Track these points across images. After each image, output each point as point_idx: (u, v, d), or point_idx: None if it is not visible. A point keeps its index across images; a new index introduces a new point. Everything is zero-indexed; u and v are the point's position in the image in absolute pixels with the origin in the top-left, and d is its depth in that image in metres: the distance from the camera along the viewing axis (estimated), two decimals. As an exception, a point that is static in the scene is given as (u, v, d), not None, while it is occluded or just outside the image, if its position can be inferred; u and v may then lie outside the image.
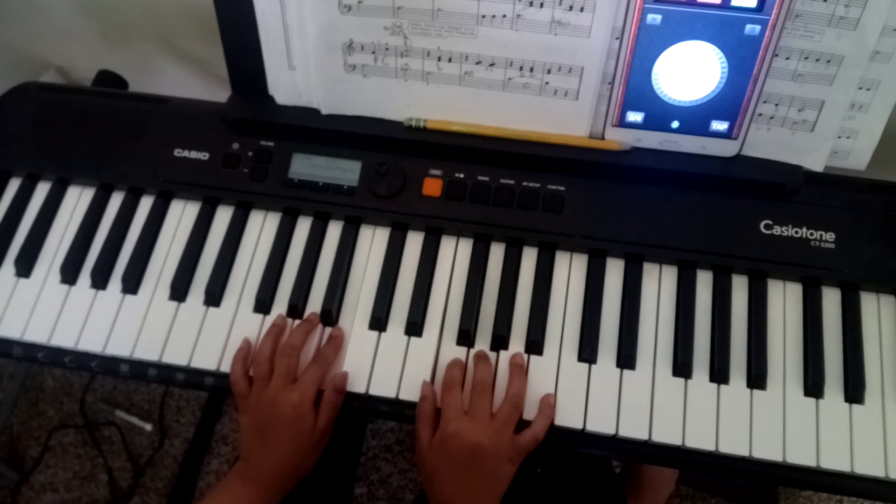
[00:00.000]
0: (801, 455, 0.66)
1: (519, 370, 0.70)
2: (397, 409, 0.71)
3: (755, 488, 1.44)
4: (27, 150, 0.82)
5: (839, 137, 0.72)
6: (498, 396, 0.69)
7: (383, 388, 0.71)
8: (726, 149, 0.72)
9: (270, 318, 0.75)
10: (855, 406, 0.68)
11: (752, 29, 0.65)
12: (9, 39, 1.17)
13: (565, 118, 0.73)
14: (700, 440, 0.67)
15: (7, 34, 1.16)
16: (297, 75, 0.76)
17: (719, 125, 0.71)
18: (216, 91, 1.16)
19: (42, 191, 0.82)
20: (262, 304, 0.75)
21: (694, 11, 0.65)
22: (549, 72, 0.71)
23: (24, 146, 0.82)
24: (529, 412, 0.69)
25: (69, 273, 0.77)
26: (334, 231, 0.78)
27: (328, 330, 0.74)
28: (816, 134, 0.71)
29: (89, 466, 1.56)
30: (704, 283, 0.73)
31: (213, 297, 0.75)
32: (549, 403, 0.68)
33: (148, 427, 1.56)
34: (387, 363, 0.72)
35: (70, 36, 1.13)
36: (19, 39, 1.17)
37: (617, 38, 0.68)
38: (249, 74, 0.77)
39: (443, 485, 0.67)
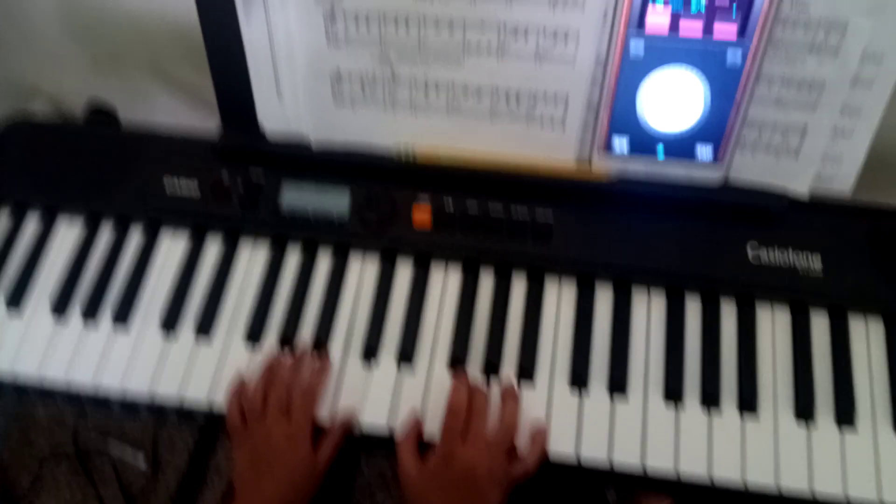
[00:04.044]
0: (793, 479, 0.66)
1: (511, 395, 0.70)
2: (390, 439, 0.71)
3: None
4: (18, 183, 0.82)
5: (823, 162, 0.72)
6: (490, 421, 0.69)
7: (375, 417, 0.71)
8: (711, 175, 0.73)
9: (261, 349, 0.74)
10: (846, 429, 0.68)
11: (733, 56, 0.66)
12: (-2, 66, 1.17)
13: (552, 146, 0.74)
14: (692, 465, 0.67)
15: (-3, 61, 1.16)
16: (285, 104, 0.77)
17: (704, 151, 0.71)
18: (207, 118, 1.16)
19: (32, 223, 0.82)
20: (254, 334, 0.75)
21: (676, 39, 0.66)
22: (535, 100, 0.71)
23: (14, 179, 0.82)
24: (519, 438, 0.68)
25: (59, 305, 0.77)
26: (324, 260, 0.78)
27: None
28: (800, 159, 0.72)
29: (80, 497, 1.54)
30: (693, 308, 0.73)
31: (204, 327, 0.75)
32: (541, 439, 0.68)
33: (140, 457, 1.55)
34: (378, 392, 0.72)
35: (60, 63, 1.13)
36: (9, 66, 1.17)
37: (601, 67, 0.69)
38: (238, 103, 0.78)
39: None
